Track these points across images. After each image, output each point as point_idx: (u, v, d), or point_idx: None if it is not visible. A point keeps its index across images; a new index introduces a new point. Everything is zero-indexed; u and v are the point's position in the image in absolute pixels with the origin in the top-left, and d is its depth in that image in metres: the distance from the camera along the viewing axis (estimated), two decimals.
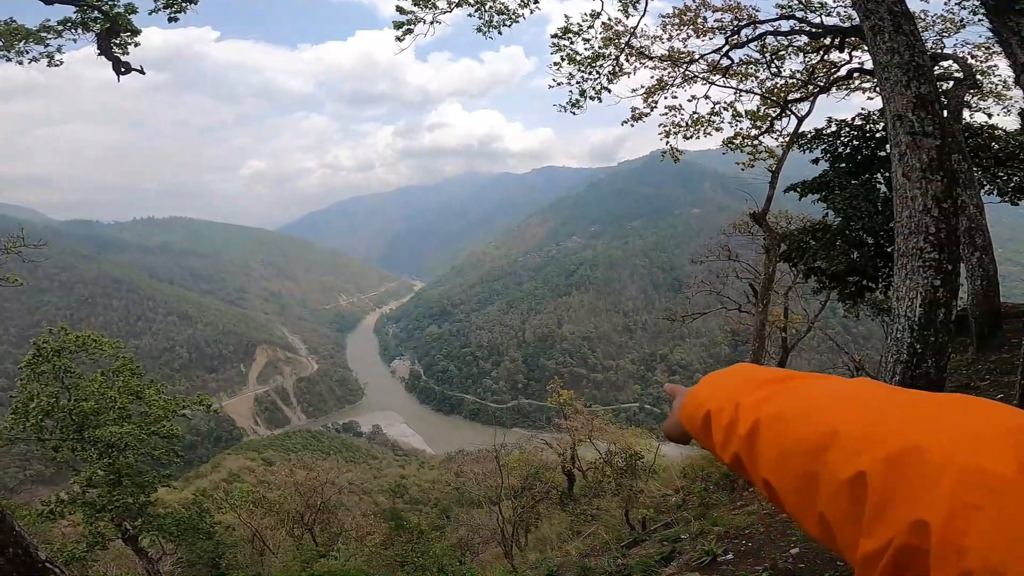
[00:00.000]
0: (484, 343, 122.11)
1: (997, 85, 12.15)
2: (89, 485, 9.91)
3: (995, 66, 11.86)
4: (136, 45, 10.10)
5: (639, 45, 11.93)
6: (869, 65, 9.89)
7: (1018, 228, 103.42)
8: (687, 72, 12.16)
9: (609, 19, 11.38)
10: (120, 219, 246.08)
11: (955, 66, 11.23)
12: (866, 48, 7.52)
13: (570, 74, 12.05)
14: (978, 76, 11.50)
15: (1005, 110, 12.05)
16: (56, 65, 8.89)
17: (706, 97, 12.50)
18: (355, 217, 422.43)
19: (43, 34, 8.02)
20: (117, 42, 9.50)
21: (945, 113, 8.84)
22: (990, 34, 7.99)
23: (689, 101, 12.99)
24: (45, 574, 2.13)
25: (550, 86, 12.25)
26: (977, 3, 9.78)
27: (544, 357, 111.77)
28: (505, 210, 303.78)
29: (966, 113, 11.41)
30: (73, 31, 8.27)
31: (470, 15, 10.67)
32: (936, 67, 11.42)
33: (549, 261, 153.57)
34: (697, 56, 11.93)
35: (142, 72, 10.19)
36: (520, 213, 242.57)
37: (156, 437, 10.62)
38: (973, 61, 11.56)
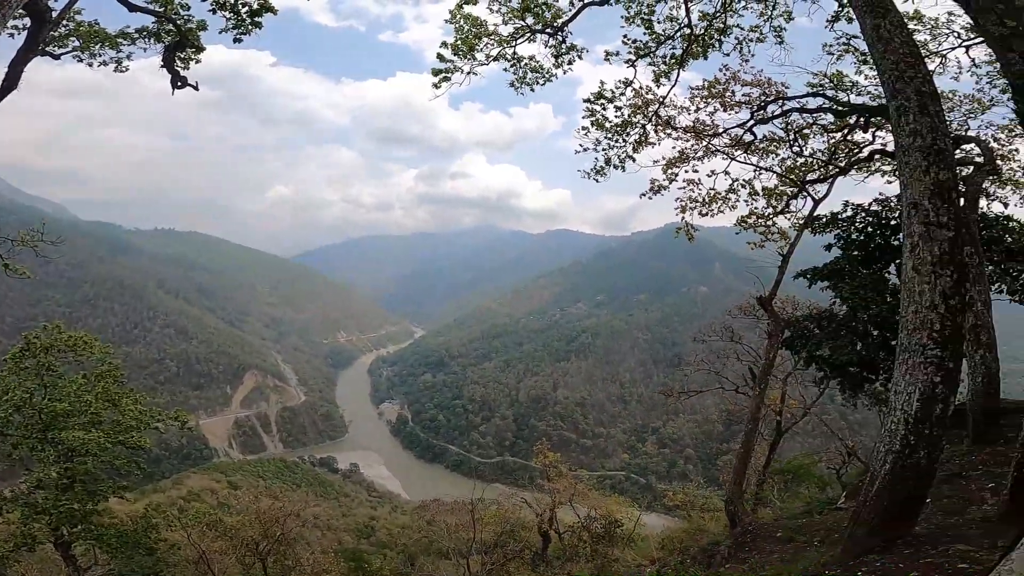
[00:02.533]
0: (477, 397, 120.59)
1: (1016, 172, 11.66)
2: (38, 487, 9.68)
3: (1016, 150, 11.39)
4: (198, 62, 10.69)
5: (666, 115, 12.15)
6: (892, 147, 9.33)
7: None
8: (710, 145, 12.28)
9: (640, 87, 11.52)
10: (141, 226, 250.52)
11: (977, 149, 10.97)
12: (890, 129, 7.40)
13: (597, 140, 11.92)
14: (998, 161, 11.08)
15: (1023, 199, 11.61)
16: (123, 71, 9.31)
17: (725, 173, 12.25)
18: (367, 255, 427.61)
19: (120, 40, 8.47)
20: (182, 56, 10.05)
21: (962, 201, 8.70)
22: (1014, 115, 7.65)
23: (709, 176, 12.84)
24: None
25: (576, 151, 12.09)
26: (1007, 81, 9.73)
27: (535, 418, 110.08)
28: (515, 268, 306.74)
29: (983, 202, 10.97)
30: (146, 40, 8.77)
31: (505, 70, 11.03)
32: (958, 150, 10.98)
33: (552, 325, 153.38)
34: (721, 130, 12.05)
35: (196, 88, 10.66)
36: (530, 273, 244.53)
37: (122, 447, 10.42)
38: (995, 144, 11.21)
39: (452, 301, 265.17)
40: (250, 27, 9.98)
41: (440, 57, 10.50)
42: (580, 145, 12.18)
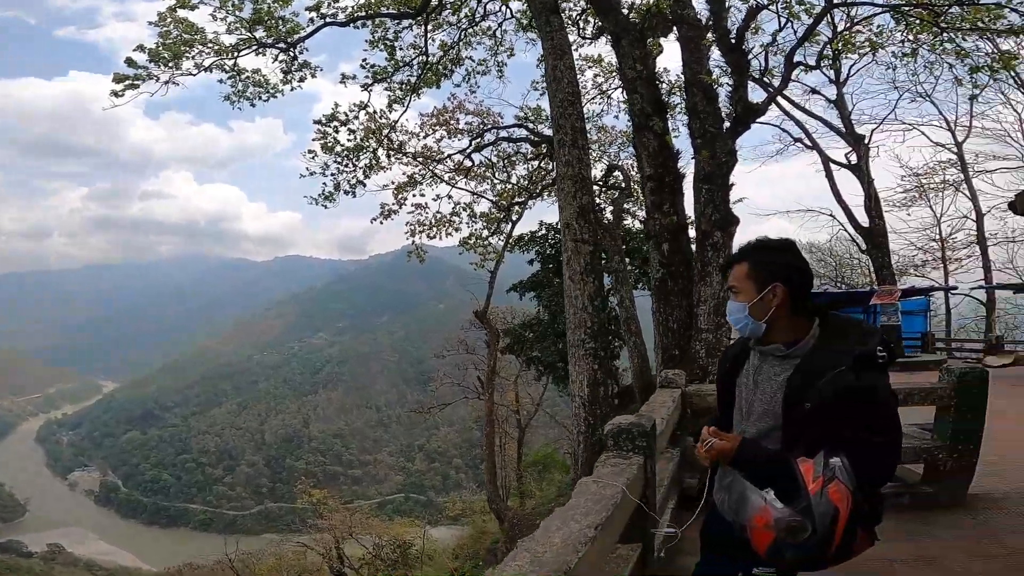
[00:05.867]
0: (211, 448, 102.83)
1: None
2: None
3: None
4: None
5: (397, 140, 12.36)
6: None
7: None
8: (435, 171, 13.22)
9: (375, 111, 11.64)
10: None
11: (621, 176, 13.64)
12: None
13: (326, 164, 11.56)
14: (634, 185, 13.45)
15: None
16: None
17: (448, 197, 13.40)
18: (18, 297, 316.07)
19: None
20: None
21: (611, 218, 11.13)
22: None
23: (434, 200, 13.70)
24: None
25: (302, 175, 11.53)
26: None
27: (291, 458, 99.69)
28: (237, 300, 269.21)
29: (628, 219, 13.68)
30: None
31: (221, 81, 9.90)
32: (611, 177, 13.63)
33: (291, 358, 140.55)
34: (445, 155, 13.14)
35: None
36: (257, 305, 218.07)
37: None
38: (633, 172, 13.37)
39: (157, 345, 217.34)
40: None
41: (129, 62, 8.91)
42: (307, 168, 11.54)
